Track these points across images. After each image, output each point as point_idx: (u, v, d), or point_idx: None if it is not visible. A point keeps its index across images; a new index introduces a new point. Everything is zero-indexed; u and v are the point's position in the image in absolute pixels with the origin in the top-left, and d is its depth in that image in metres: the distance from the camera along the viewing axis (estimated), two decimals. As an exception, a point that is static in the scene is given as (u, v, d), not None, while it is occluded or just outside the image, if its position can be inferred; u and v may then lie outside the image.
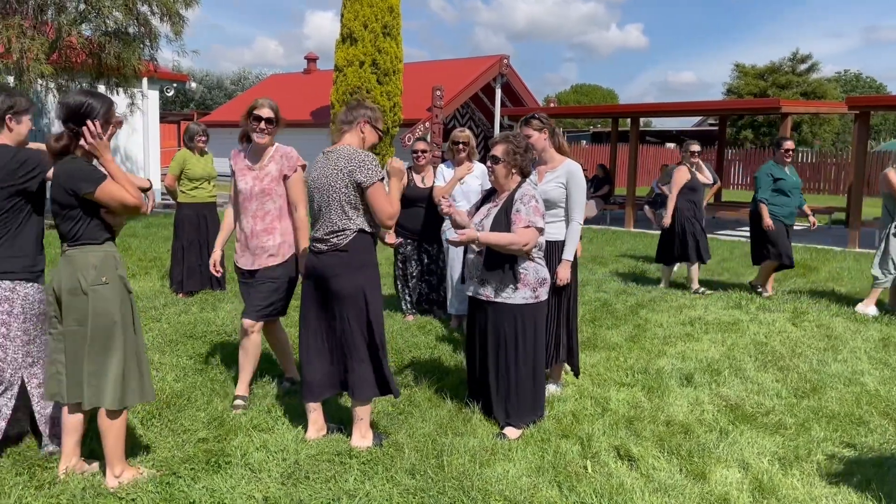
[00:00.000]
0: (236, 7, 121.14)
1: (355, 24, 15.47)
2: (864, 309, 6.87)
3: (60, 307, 3.05)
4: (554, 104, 30.03)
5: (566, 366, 4.59)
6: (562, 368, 4.55)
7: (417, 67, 20.47)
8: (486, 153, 3.95)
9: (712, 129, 27.11)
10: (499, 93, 19.35)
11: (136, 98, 13.18)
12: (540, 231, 3.75)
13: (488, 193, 4.06)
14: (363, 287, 3.49)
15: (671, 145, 31.21)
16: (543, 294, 3.86)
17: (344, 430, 3.72)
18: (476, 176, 5.92)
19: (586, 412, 4.15)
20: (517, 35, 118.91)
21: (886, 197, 6.82)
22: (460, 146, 5.95)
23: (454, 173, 5.92)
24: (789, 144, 7.46)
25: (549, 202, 4.23)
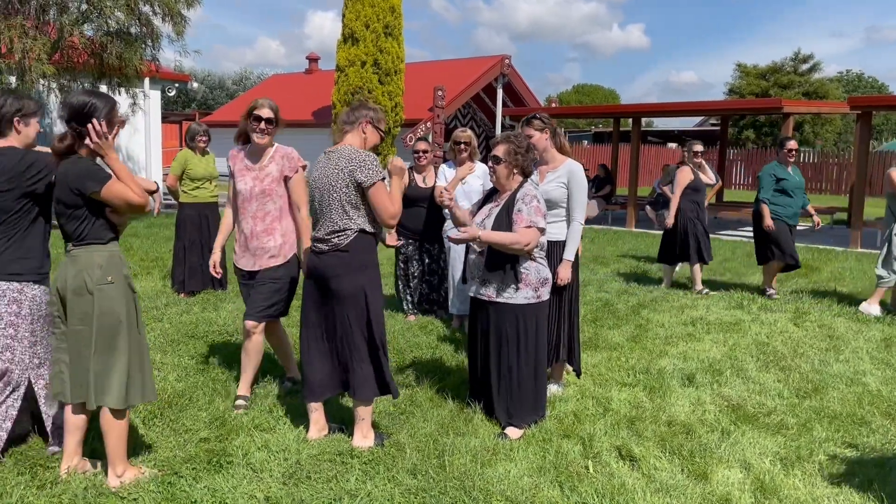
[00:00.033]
0: (238, 7, 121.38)
1: (357, 24, 15.47)
2: (868, 308, 6.86)
3: (64, 307, 3.05)
4: (555, 104, 30.02)
5: (567, 366, 4.59)
6: (563, 368, 4.55)
7: (419, 67, 20.47)
8: (488, 153, 3.95)
9: (714, 129, 27.10)
10: (500, 93, 19.34)
11: (138, 98, 13.20)
12: (541, 231, 3.75)
13: (489, 193, 4.06)
14: (364, 287, 3.49)
15: (673, 145, 31.20)
16: (545, 294, 3.86)
17: (345, 430, 3.73)
18: (478, 176, 5.91)
19: (588, 412, 4.15)
20: (519, 35, 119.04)
21: (890, 197, 6.81)
22: (462, 146, 5.94)
23: (456, 173, 5.92)
24: (792, 144, 7.44)
25: (550, 202, 4.23)
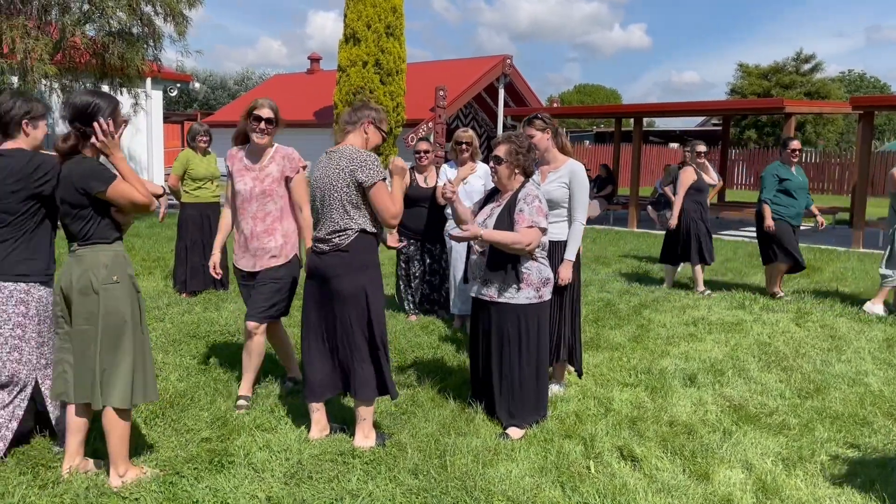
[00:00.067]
0: (240, 7, 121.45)
1: (358, 24, 15.47)
2: (872, 308, 6.86)
3: (69, 307, 3.06)
4: (557, 104, 30.03)
5: (569, 366, 4.59)
6: (564, 369, 4.55)
7: (421, 68, 20.46)
8: (490, 153, 3.95)
9: (716, 129, 27.07)
10: (502, 93, 19.32)
11: (140, 98, 13.21)
12: (543, 231, 3.75)
13: (491, 193, 4.06)
14: (365, 287, 3.49)
15: (674, 145, 31.18)
16: (547, 294, 3.86)
17: (347, 430, 3.73)
18: (479, 176, 5.92)
19: (589, 412, 4.14)
20: (520, 35, 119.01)
21: (893, 197, 6.80)
22: (463, 146, 5.95)
23: (457, 173, 5.92)
24: (796, 144, 7.41)
25: (552, 202, 4.22)
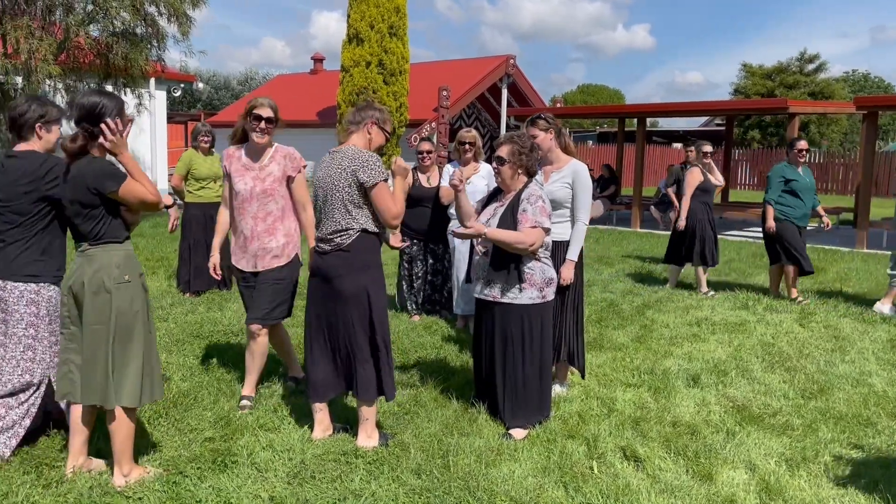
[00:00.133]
0: (243, 7, 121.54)
1: (362, 24, 15.48)
2: (881, 308, 6.87)
3: (78, 307, 3.06)
4: (560, 104, 30.01)
5: (572, 367, 4.58)
6: (567, 369, 4.55)
7: (424, 68, 20.47)
8: (492, 153, 3.95)
9: (719, 129, 27.05)
10: (505, 93, 19.32)
11: (144, 98, 13.21)
12: (546, 231, 3.75)
13: (493, 193, 4.05)
14: (366, 287, 3.49)
15: (678, 145, 31.15)
16: (550, 294, 3.86)
17: (350, 430, 3.73)
18: (482, 176, 5.92)
19: (592, 413, 4.14)
20: (523, 35, 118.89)
21: None
22: (466, 146, 5.95)
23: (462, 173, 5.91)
24: (803, 145, 7.37)
25: (554, 202, 4.22)
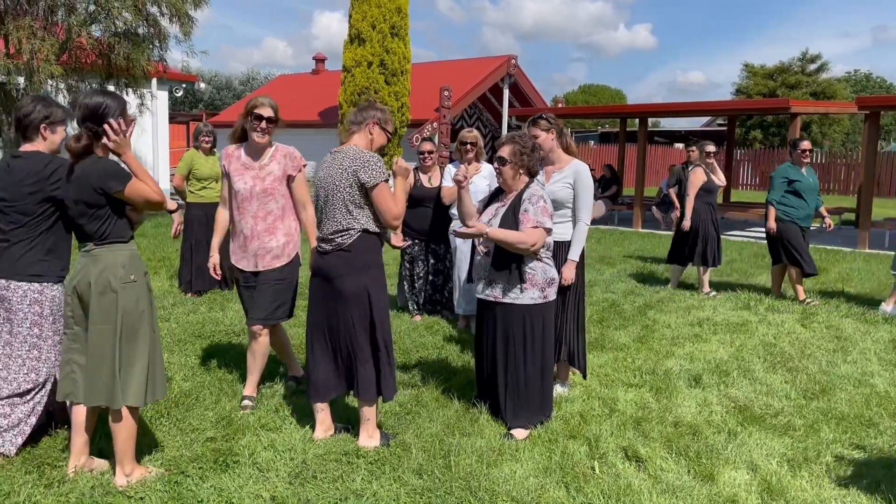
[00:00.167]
0: (245, 8, 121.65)
1: (363, 24, 15.48)
2: (887, 308, 6.87)
3: (83, 307, 3.06)
4: (562, 104, 30.00)
5: (573, 368, 4.58)
6: (568, 369, 4.54)
7: (425, 68, 20.46)
8: (494, 154, 3.95)
9: (721, 129, 27.01)
10: (506, 93, 19.31)
11: (146, 99, 13.23)
12: (548, 231, 3.75)
13: (495, 193, 4.06)
14: (367, 287, 3.49)
15: (679, 145, 31.13)
16: (552, 294, 3.86)
17: (351, 430, 3.73)
18: (484, 176, 5.92)
19: (594, 413, 4.14)
20: (525, 35, 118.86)
21: None
22: (468, 146, 5.95)
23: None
24: (806, 145, 7.35)
25: (556, 202, 4.22)
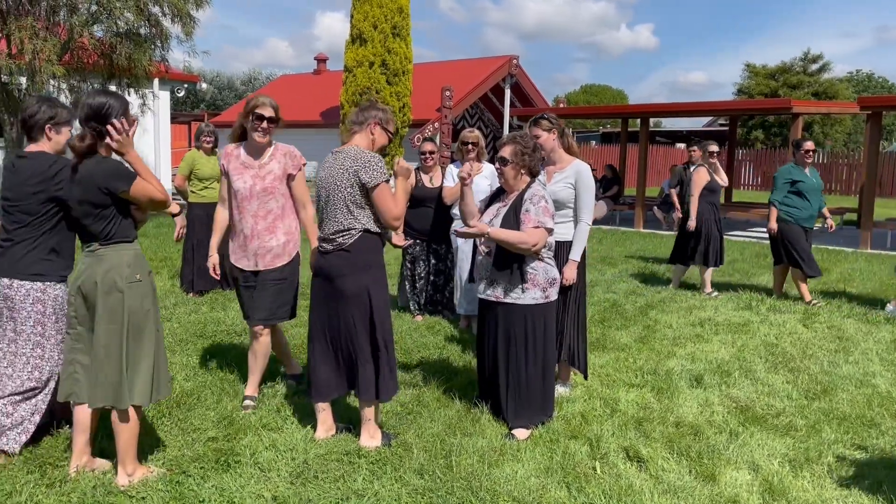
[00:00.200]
0: (247, 8, 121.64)
1: (365, 24, 15.48)
2: (892, 308, 6.87)
3: (88, 307, 3.06)
4: (563, 104, 29.99)
5: (574, 368, 4.57)
6: (570, 369, 4.54)
7: (427, 68, 20.45)
8: (496, 154, 3.95)
9: (723, 129, 26.96)
10: (508, 93, 19.30)
11: (148, 99, 13.24)
12: (549, 231, 3.75)
13: (496, 193, 4.06)
14: (368, 287, 3.50)
15: (681, 146, 31.11)
16: (553, 294, 3.86)
17: (353, 430, 3.73)
18: (485, 176, 5.92)
19: (595, 413, 4.14)
20: (527, 35, 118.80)
21: None
22: (469, 146, 5.95)
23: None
24: (809, 145, 7.33)
25: (557, 202, 4.22)
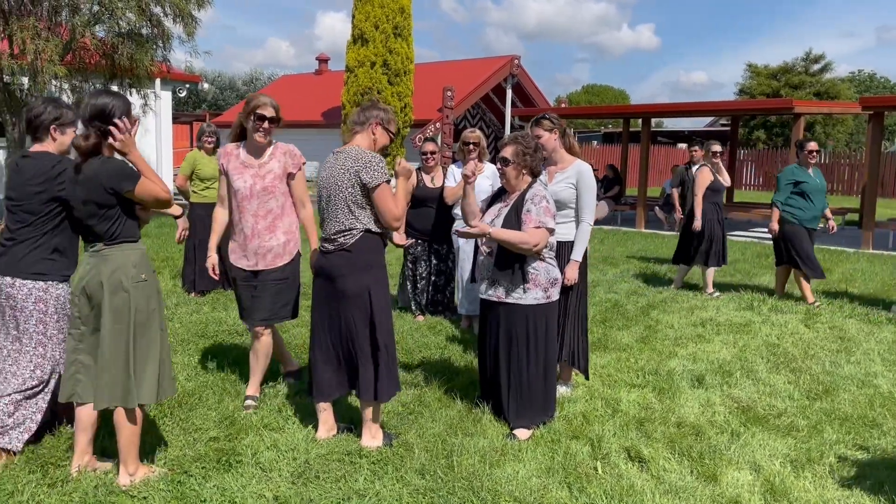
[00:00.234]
0: (248, 8, 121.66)
1: (366, 24, 15.50)
2: None
3: (92, 307, 3.07)
4: (565, 104, 29.96)
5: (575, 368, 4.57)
6: (571, 370, 4.54)
7: (428, 68, 20.47)
8: (497, 154, 3.95)
9: (724, 129, 26.97)
10: (509, 93, 19.31)
11: (149, 99, 13.25)
12: (550, 231, 3.75)
13: (498, 193, 4.06)
14: (369, 287, 3.50)
15: (683, 146, 31.09)
16: (555, 294, 3.86)
17: (354, 430, 3.74)
18: (486, 176, 5.92)
19: (597, 413, 4.14)
20: (528, 35, 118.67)
21: None
22: (471, 146, 5.95)
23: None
24: (813, 146, 7.31)
25: (559, 203, 4.22)
